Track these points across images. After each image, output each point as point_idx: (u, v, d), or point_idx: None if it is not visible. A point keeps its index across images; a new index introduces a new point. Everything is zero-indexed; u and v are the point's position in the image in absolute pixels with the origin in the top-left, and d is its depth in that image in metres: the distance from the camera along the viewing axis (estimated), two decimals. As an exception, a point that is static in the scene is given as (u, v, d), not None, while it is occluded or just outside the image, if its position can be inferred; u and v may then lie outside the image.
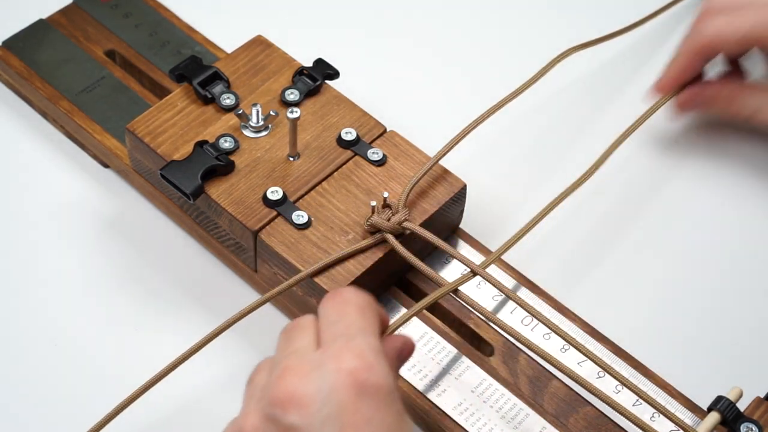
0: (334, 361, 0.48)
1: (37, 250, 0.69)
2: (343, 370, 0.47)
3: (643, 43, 0.82)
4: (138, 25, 0.76)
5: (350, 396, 0.47)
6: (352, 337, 0.49)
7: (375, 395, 0.47)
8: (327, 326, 0.51)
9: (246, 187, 0.65)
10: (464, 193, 0.67)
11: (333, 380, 0.47)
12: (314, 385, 0.47)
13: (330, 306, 0.51)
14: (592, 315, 0.66)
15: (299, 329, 0.51)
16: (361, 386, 0.47)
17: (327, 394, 0.47)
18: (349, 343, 0.49)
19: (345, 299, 0.51)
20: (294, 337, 0.51)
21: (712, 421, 0.59)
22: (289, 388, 0.48)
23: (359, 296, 0.52)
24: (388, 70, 0.80)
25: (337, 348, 0.49)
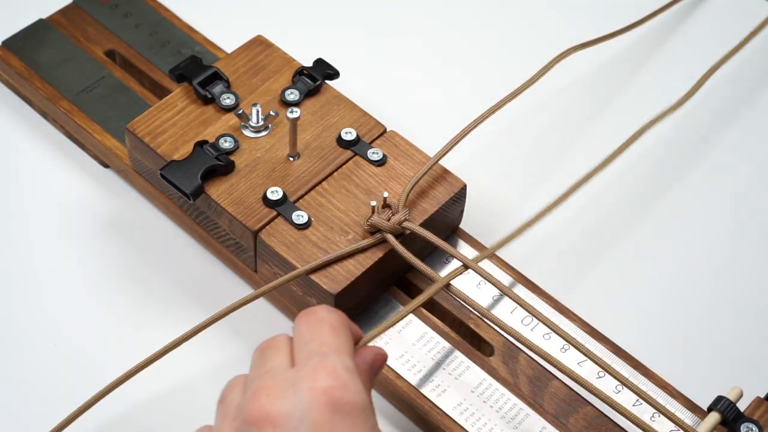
0: (309, 379, 0.48)
1: (37, 250, 0.69)
2: (317, 388, 0.48)
3: (643, 42, 0.82)
4: (138, 25, 0.76)
5: (325, 414, 0.47)
6: (326, 356, 0.50)
7: (349, 413, 0.48)
8: (301, 346, 0.51)
9: (246, 187, 0.65)
10: (464, 193, 0.67)
11: (308, 399, 0.48)
12: (289, 403, 0.48)
13: (304, 325, 0.52)
14: (592, 315, 0.66)
15: (273, 349, 0.52)
16: (336, 404, 0.48)
17: (302, 412, 0.47)
18: (323, 362, 0.49)
19: (319, 318, 0.52)
20: (268, 357, 0.51)
21: (712, 421, 0.59)
22: (264, 407, 0.48)
23: (332, 315, 0.52)
24: (388, 70, 0.80)
25: (311, 367, 0.49)
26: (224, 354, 0.65)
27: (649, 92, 0.79)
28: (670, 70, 0.81)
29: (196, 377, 0.64)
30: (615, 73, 0.80)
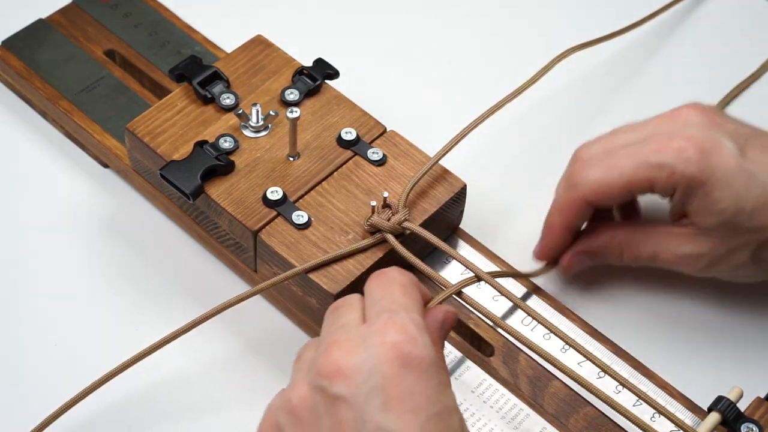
0: (379, 335, 0.50)
1: (36, 249, 0.69)
2: (387, 343, 0.49)
3: (642, 43, 0.82)
4: (138, 25, 0.76)
5: (394, 368, 0.48)
6: (396, 312, 0.51)
7: (417, 367, 0.49)
8: (372, 304, 0.52)
9: (246, 187, 0.65)
10: (464, 193, 0.67)
11: (377, 353, 0.49)
12: (359, 357, 0.49)
13: (375, 285, 0.53)
14: (592, 315, 0.66)
15: (345, 307, 0.54)
16: (405, 359, 0.49)
17: (372, 366, 0.49)
18: (393, 318, 0.50)
19: (390, 279, 0.53)
20: (340, 315, 0.53)
21: (713, 421, 0.59)
22: (335, 360, 0.49)
23: (403, 276, 0.54)
24: (388, 70, 0.80)
25: (381, 323, 0.50)
26: (225, 354, 0.65)
27: (649, 92, 0.79)
28: (670, 71, 0.81)
29: (197, 377, 0.64)
30: (615, 73, 0.80)
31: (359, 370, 0.49)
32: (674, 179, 0.61)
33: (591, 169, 0.63)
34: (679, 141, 0.61)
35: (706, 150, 0.60)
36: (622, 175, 0.62)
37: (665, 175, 0.61)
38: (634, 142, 0.63)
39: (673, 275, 0.70)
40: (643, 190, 0.63)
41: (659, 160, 0.61)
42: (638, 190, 0.63)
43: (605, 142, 0.64)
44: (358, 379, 0.49)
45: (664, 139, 0.62)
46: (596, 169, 0.63)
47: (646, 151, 0.62)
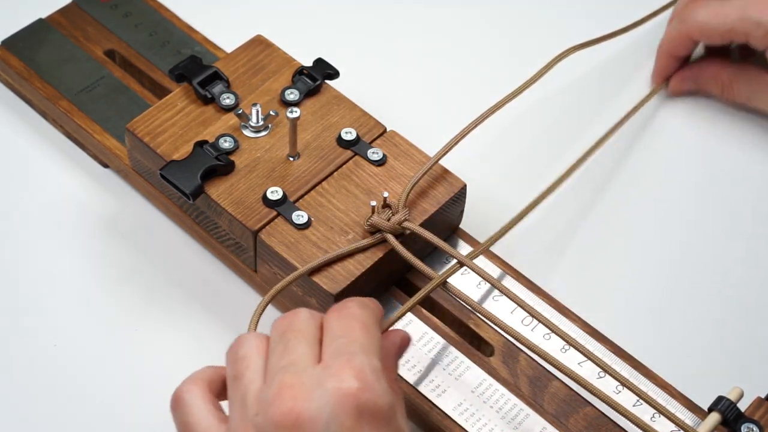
0: (335, 379, 0.48)
1: (36, 250, 0.69)
2: (343, 390, 0.48)
3: (642, 42, 0.82)
4: (138, 25, 0.76)
5: (351, 419, 0.47)
6: (354, 354, 0.49)
7: (375, 416, 0.48)
8: (330, 341, 0.51)
9: (246, 187, 0.65)
10: (464, 193, 0.67)
11: (334, 402, 0.47)
12: (316, 406, 0.48)
13: (335, 319, 0.51)
14: (592, 315, 0.66)
15: (295, 332, 0.51)
16: (362, 408, 0.47)
17: (328, 416, 0.47)
18: (350, 361, 0.49)
19: (350, 314, 0.52)
20: (290, 342, 0.51)
21: (713, 421, 0.59)
22: (291, 409, 0.48)
23: (364, 311, 0.52)
24: (388, 70, 0.80)
25: (338, 366, 0.49)
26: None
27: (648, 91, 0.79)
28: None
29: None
30: (615, 73, 0.80)
31: (315, 420, 0.47)
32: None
33: (701, 9, 0.73)
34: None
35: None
36: (725, 22, 0.72)
37: (761, 33, 0.71)
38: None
39: (674, 274, 0.70)
40: (740, 40, 0.72)
41: (759, 19, 0.70)
42: (736, 39, 0.73)
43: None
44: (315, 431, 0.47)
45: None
46: (705, 11, 0.73)
47: (752, 8, 0.71)
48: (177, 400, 0.52)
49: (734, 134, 0.77)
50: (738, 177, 0.75)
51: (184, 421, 0.51)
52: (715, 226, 0.73)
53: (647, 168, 0.75)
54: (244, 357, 0.51)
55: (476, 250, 0.64)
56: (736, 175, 0.75)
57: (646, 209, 0.73)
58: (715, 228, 0.73)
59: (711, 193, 0.74)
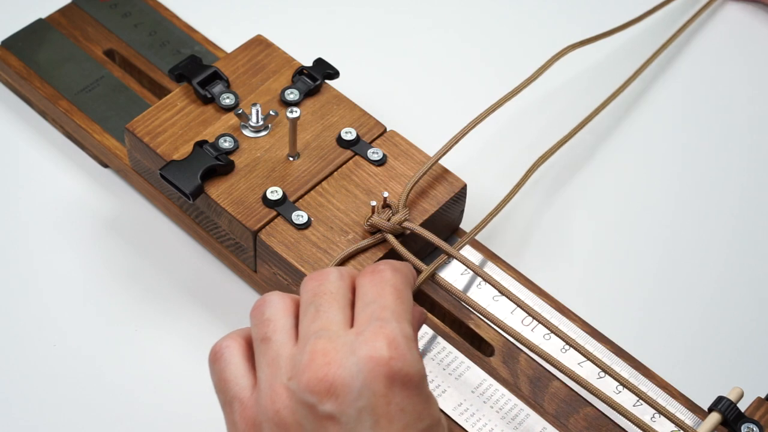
0: (368, 346, 0.48)
1: (36, 250, 0.69)
2: (376, 358, 0.48)
3: (641, 39, 0.82)
4: (137, 25, 0.76)
5: (383, 387, 0.48)
6: (387, 321, 0.50)
7: (407, 385, 0.48)
8: (363, 306, 0.51)
9: (246, 187, 0.65)
10: (464, 193, 0.67)
11: (367, 369, 0.48)
12: (348, 372, 0.48)
13: (368, 283, 0.51)
14: (592, 315, 0.66)
15: (327, 296, 0.51)
16: (395, 376, 0.48)
17: (361, 383, 0.48)
18: (383, 328, 0.49)
19: (384, 279, 0.51)
20: (321, 306, 0.51)
21: (713, 421, 0.59)
22: (325, 374, 0.48)
23: (397, 276, 0.52)
24: (388, 70, 0.80)
25: (371, 332, 0.49)
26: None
27: (648, 90, 0.79)
28: (670, 68, 0.81)
29: (195, 375, 0.64)
30: (614, 71, 0.80)
31: (349, 387, 0.48)
32: None
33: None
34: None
35: None
36: None
37: None
38: None
39: (674, 275, 0.70)
40: None
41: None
42: None
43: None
44: (349, 397, 0.48)
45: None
46: None
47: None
48: (216, 355, 0.52)
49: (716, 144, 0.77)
50: (738, 181, 0.75)
51: (222, 377, 0.52)
52: (714, 226, 0.73)
53: (648, 167, 0.75)
54: (270, 319, 0.51)
55: (463, 239, 0.64)
56: (736, 178, 0.75)
57: (646, 209, 0.73)
58: (715, 227, 0.73)
59: (709, 194, 0.74)
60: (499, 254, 0.68)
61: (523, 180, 0.69)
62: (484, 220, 0.65)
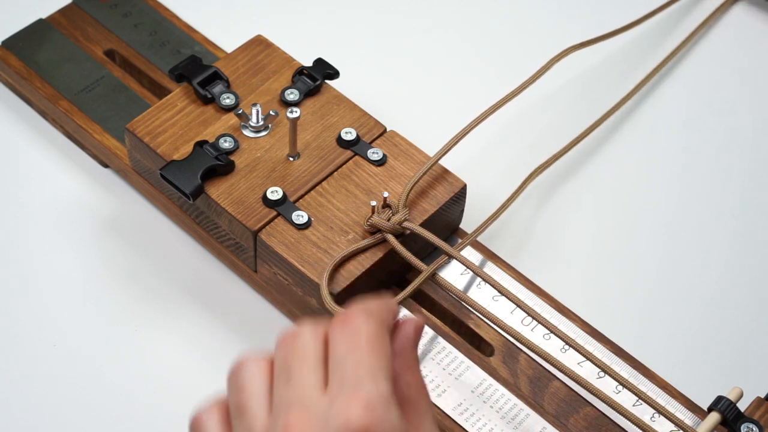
0: (342, 414, 0.46)
1: (36, 250, 0.69)
2: (352, 426, 0.45)
3: (642, 41, 0.82)
4: (137, 25, 0.76)
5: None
6: (360, 382, 0.47)
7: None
8: (335, 365, 0.48)
9: (246, 187, 0.65)
10: (464, 193, 0.67)
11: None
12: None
13: (339, 336, 0.49)
14: (592, 315, 0.66)
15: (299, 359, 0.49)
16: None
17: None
18: (357, 391, 0.47)
19: (355, 329, 0.48)
20: (294, 373, 0.48)
21: (713, 421, 0.59)
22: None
23: (371, 324, 0.49)
24: (388, 70, 0.80)
25: (344, 399, 0.46)
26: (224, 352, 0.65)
27: (650, 92, 0.79)
28: (672, 71, 0.81)
29: (195, 375, 0.64)
30: (614, 73, 0.80)
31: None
32: None
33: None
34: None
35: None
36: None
37: None
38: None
39: (674, 274, 0.70)
40: None
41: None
42: None
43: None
44: None
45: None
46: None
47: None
48: (197, 424, 0.50)
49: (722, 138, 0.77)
50: (738, 182, 0.75)
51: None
52: (714, 226, 0.73)
53: (649, 168, 0.75)
54: (244, 386, 0.49)
55: (464, 240, 0.64)
56: (736, 179, 0.75)
57: (646, 210, 0.73)
58: (715, 228, 0.73)
59: (709, 194, 0.74)
60: (499, 254, 0.68)
61: (524, 185, 0.69)
62: (485, 223, 0.65)
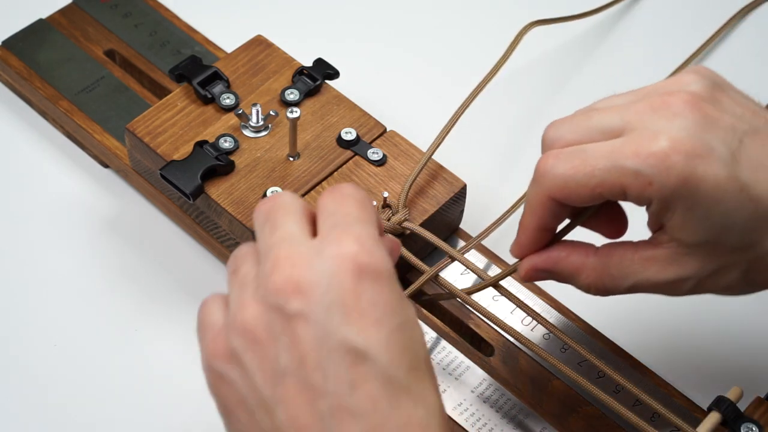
0: (334, 246, 0.47)
1: (36, 250, 0.69)
2: (343, 254, 0.46)
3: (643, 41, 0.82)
4: (138, 25, 0.76)
5: (352, 281, 0.46)
6: (351, 224, 0.48)
7: (377, 279, 0.46)
8: (325, 217, 0.49)
9: (246, 187, 0.65)
10: (464, 193, 0.67)
11: (334, 265, 0.46)
12: (315, 271, 0.46)
13: (329, 198, 0.50)
14: (592, 315, 0.66)
15: (281, 211, 0.50)
16: (362, 270, 0.46)
17: (328, 279, 0.46)
18: (347, 229, 0.48)
19: (344, 193, 0.50)
20: (277, 221, 0.49)
21: (713, 421, 0.59)
22: (290, 275, 0.46)
23: (358, 191, 0.50)
24: (388, 70, 0.80)
25: (336, 234, 0.47)
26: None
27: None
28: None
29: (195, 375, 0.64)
30: (618, 72, 0.80)
31: (316, 284, 0.46)
32: (650, 191, 0.51)
33: (559, 161, 0.53)
34: (662, 143, 0.51)
35: (691, 158, 0.51)
36: (592, 176, 0.52)
37: (640, 184, 0.51)
38: (611, 130, 0.53)
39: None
40: (616, 196, 0.53)
41: (636, 167, 0.51)
42: (610, 195, 0.53)
43: (577, 123, 0.54)
44: (317, 294, 0.46)
45: (646, 138, 0.51)
46: (564, 163, 0.53)
47: (623, 151, 0.52)
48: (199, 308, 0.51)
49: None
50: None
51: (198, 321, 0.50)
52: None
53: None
54: (237, 256, 0.50)
55: (468, 243, 0.64)
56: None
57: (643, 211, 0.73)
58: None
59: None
60: (499, 254, 0.68)
61: None
62: (490, 227, 0.65)
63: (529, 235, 0.56)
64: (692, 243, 0.53)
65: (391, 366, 0.45)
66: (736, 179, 0.51)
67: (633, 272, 0.55)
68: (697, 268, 0.54)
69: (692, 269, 0.54)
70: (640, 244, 0.55)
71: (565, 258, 0.56)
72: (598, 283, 0.56)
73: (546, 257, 0.56)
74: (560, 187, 0.53)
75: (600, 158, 0.52)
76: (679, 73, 0.54)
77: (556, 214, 0.55)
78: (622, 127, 0.53)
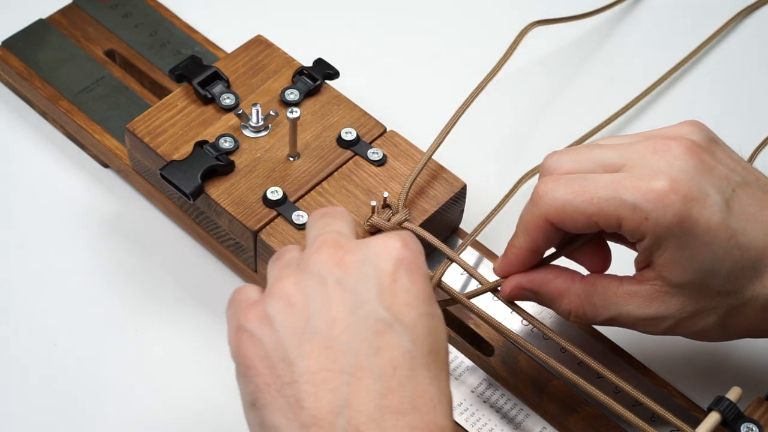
0: (380, 240, 0.51)
1: (36, 249, 0.69)
2: (387, 245, 0.51)
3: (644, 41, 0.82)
4: (138, 25, 0.76)
5: (391, 266, 0.50)
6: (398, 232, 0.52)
7: (414, 270, 0.50)
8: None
9: (246, 187, 0.65)
10: (464, 193, 0.67)
11: (377, 251, 0.50)
12: (358, 253, 0.50)
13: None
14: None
15: (338, 216, 0.54)
16: (402, 261, 0.50)
17: (370, 261, 0.50)
18: (394, 234, 0.52)
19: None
20: (333, 221, 0.53)
21: (713, 421, 0.59)
22: (334, 252, 0.51)
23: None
24: (388, 70, 0.80)
25: (383, 235, 0.52)
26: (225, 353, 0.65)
27: (656, 93, 0.79)
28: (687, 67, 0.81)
29: (195, 375, 0.64)
30: (619, 73, 0.80)
31: (359, 262, 0.50)
32: (645, 226, 0.53)
33: (558, 185, 0.55)
34: (663, 182, 0.53)
35: (688, 200, 0.53)
36: (590, 203, 0.54)
37: (637, 218, 0.53)
38: (612, 164, 0.55)
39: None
40: (610, 227, 0.54)
41: (634, 201, 0.53)
42: (605, 225, 0.55)
43: (579, 154, 0.57)
44: (356, 270, 0.50)
45: (646, 175, 0.54)
46: (564, 188, 0.55)
47: (624, 184, 0.54)
48: (235, 290, 0.54)
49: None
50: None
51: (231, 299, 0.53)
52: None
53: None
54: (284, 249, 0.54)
55: (465, 242, 0.64)
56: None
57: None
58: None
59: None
60: (497, 253, 0.68)
61: (519, 183, 0.69)
62: (482, 223, 0.65)
63: (518, 254, 0.58)
64: (678, 283, 0.55)
65: (414, 344, 0.48)
66: (727, 226, 0.54)
67: (615, 304, 0.56)
68: (679, 307, 0.56)
69: (674, 308, 0.56)
70: (626, 278, 0.57)
71: (551, 281, 0.58)
72: (579, 310, 0.57)
73: (532, 278, 0.58)
74: (557, 211, 0.55)
75: (600, 188, 0.54)
76: (677, 124, 0.57)
77: (549, 238, 0.57)
78: (622, 162, 0.55)
